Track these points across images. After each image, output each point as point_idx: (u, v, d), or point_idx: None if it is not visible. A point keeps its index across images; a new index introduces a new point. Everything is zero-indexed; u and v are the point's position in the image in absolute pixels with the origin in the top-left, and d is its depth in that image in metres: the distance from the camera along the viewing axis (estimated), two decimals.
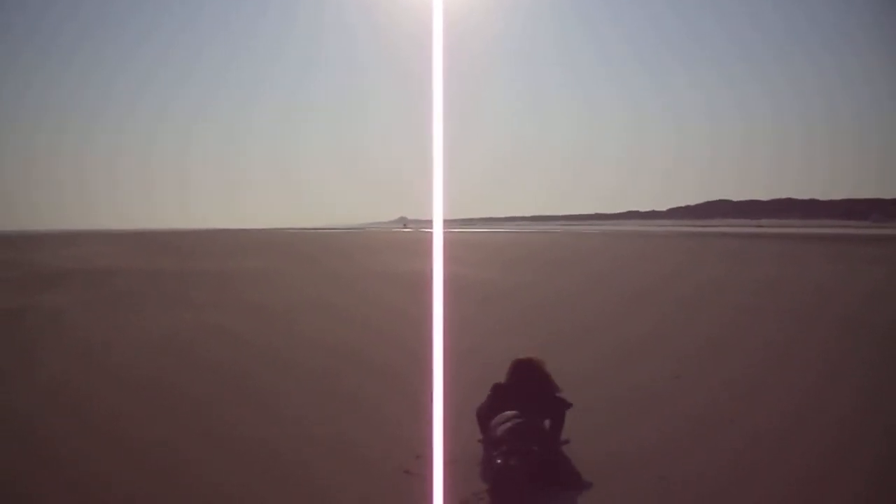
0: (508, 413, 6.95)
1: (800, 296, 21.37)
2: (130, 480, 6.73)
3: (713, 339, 13.97)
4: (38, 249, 63.45)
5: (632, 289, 23.99)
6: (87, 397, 9.75)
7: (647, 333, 14.76)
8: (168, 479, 6.74)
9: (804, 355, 12.41)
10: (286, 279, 28.99)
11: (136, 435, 8.15)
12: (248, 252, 55.10)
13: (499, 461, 6.45)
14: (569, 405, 7.29)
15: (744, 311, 18.08)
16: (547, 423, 7.14)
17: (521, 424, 6.73)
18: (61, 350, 13.23)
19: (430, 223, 6.67)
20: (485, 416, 7.32)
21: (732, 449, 7.55)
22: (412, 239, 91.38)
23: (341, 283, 27.25)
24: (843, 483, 6.62)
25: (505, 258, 43.41)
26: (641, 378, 10.73)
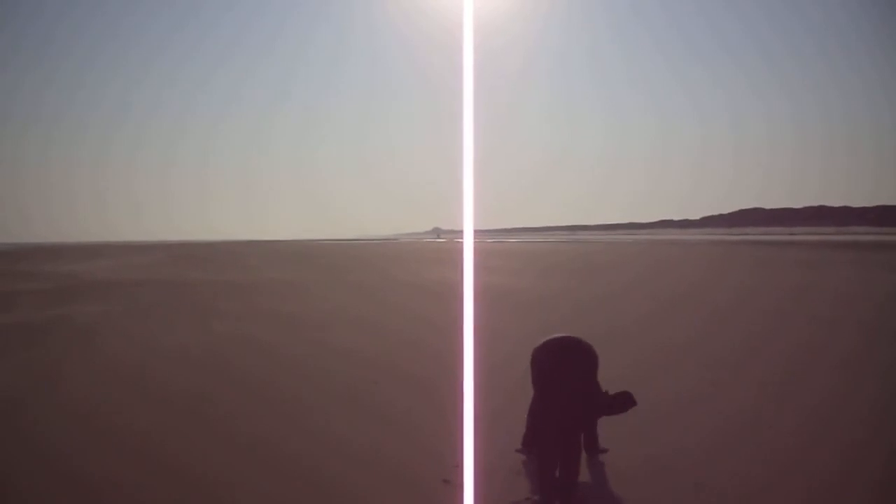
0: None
1: (824, 302, 21.42)
2: (158, 491, 6.75)
3: (743, 344, 14.05)
4: (67, 261, 63.93)
5: (664, 296, 23.92)
6: (114, 411, 9.76)
7: (681, 338, 14.80)
8: (198, 493, 6.74)
9: (828, 359, 12.57)
10: (317, 290, 29.04)
11: (164, 446, 8.17)
12: (279, 263, 55.34)
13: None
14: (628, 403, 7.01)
15: (772, 316, 18.15)
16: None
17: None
18: (90, 362, 13.32)
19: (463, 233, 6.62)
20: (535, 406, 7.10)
21: (768, 451, 7.63)
22: (445, 249, 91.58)
23: (372, 293, 27.24)
24: (865, 478, 6.86)
25: (539, 267, 43.36)
26: (676, 382, 10.79)
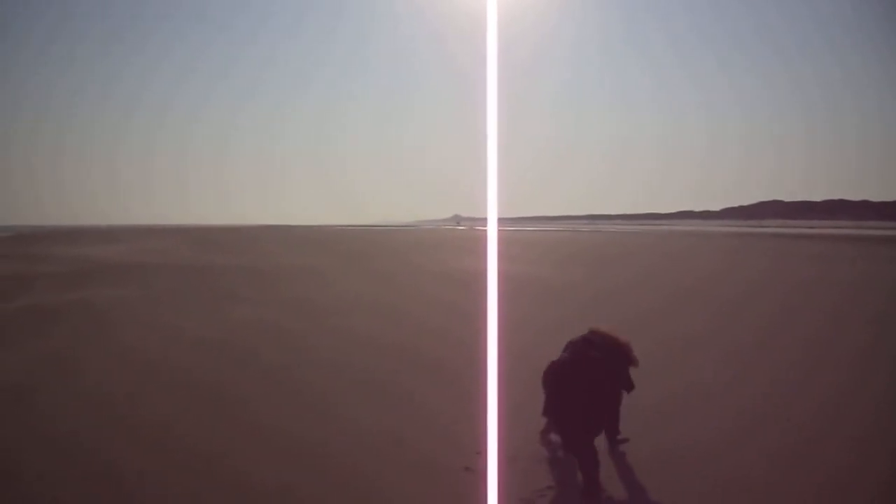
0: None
1: (834, 295, 21.52)
2: (174, 478, 6.87)
3: (753, 339, 14.09)
4: (83, 245, 63.43)
5: (679, 287, 23.96)
6: (130, 397, 9.87)
7: (691, 332, 14.86)
8: (215, 479, 6.84)
9: (835, 354, 12.64)
10: (337, 276, 29.02)
11: (181, 433, 8.28)
12: (299, 249, 55.13)
13: None
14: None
15: (779, 311, 18.20)
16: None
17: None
18: (106, 347, 13.46)
19: (483, 221, 6.71)
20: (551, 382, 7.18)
21: (777, 445, 7.73)
22: (466, 237, 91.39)
23: (393, 280, 27.25)
24: (874, 472, 7.01)
25: (557, 256, 43.20)
26: (687, 375, 10.90)
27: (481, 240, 71.65)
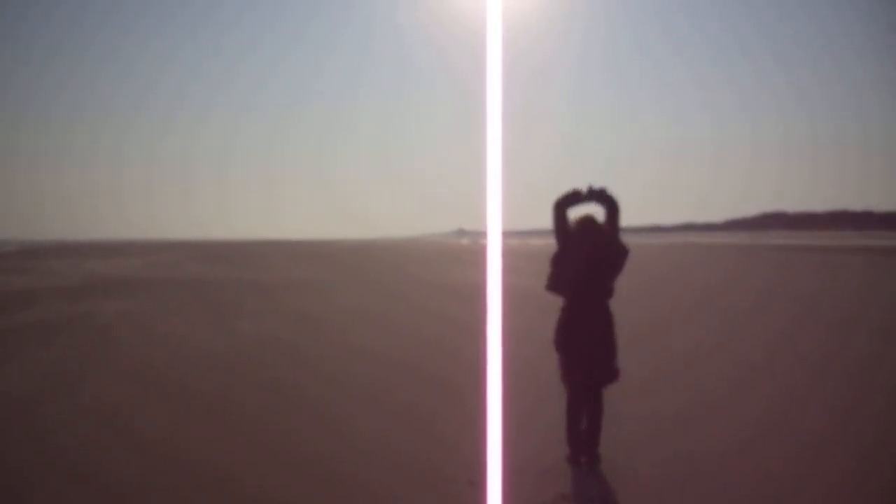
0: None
1: (837, 305, 21.56)
2: (179, 492, 6.80)
3: (760, 348, 14.11)
4: (88, 259, 63.57)
5: (682, 299, 23.97)
6: (135, 411, 9.76)
7: (699, 342, 14.90)
8: (221, 493, 6.77)
9: (841, 362, 12.69)
10: (340, 290, 29.07)
11: (186, 447, 8.20)
12: (301, 263, 55.21)
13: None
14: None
15: (788, 320, 18.28)
16: None
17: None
18: (111, 361, 13.35)
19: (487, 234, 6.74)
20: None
21: (782, 454, 7.66)
22: (469, 250, 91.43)
23: (396, 294, 27.25)
24: (880, 475, 7.08)
25: None
26: (694, 385, 10.89)
27: (484, 252, 71.71)
